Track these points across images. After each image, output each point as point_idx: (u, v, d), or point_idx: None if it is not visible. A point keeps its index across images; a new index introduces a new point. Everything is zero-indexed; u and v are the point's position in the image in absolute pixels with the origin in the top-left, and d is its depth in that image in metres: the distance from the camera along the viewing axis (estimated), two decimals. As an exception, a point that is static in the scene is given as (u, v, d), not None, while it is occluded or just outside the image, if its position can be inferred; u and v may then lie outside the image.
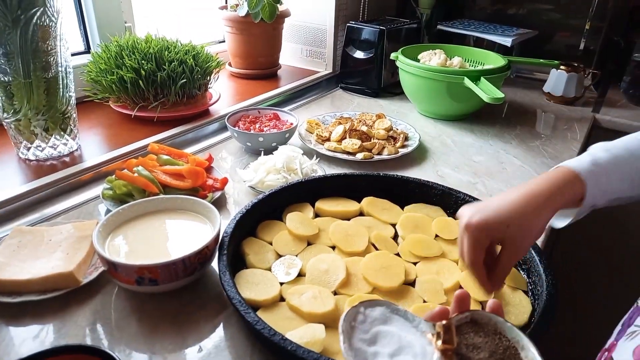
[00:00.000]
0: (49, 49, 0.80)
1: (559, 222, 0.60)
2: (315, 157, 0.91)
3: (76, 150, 0.92)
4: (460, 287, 0.62)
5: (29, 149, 0.86)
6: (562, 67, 1.37)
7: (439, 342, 0.39)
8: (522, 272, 0.65)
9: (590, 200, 0.54)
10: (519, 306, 0.59)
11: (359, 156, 0.97)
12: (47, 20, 0.78)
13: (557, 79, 1.39)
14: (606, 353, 0.51)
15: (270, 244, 0.68)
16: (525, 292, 0.62)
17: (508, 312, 0.58)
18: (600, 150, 0.57)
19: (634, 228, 1.38)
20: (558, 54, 1.56)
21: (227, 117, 1.01)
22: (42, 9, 0.76)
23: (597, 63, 1.51)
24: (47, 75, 0.81)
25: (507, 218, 0.51)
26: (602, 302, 1.48)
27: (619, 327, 0.52)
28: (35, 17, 0.76)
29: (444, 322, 0.40)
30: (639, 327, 0.48)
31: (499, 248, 0.54)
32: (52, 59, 0.81)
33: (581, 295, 1.47)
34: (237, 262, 0.64)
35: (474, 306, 0.58)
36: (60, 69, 0.83)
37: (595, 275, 1.48)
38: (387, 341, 0.42)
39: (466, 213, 0.53)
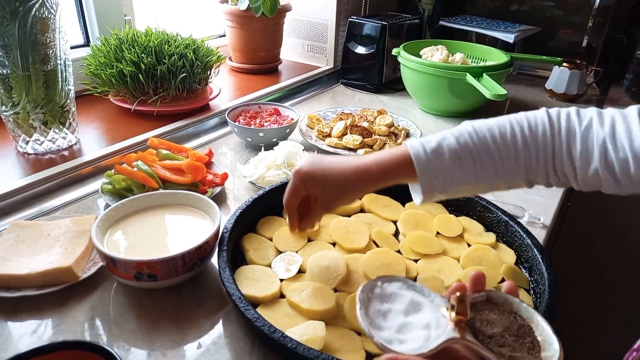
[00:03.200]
0: (48, 41, 0.79)
1: (415, 197, 0.58)
2: (315, 153, 0.90)
3: (75, 144, 0.91)
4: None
5: (27, 142, 0.85)
6: (564, 64, 1.37)
7: (453, 314, 0.40)
8: (524, 270, 0.65)
9: (426, 185, 0.53)
10: (520, 304, 0.58)
11: (360, 152, 0.96)
12: (46, 12, 0.77)
13: (559, 76, 1.38)
14: (634, 353, 0.51)
15: (271, 240, 0.67)
16: (527, 291, 0.61)
17: (509, 310, 0.58)
18: (453, 135, 0.54)
19: (634, 226, 1.37)
20: (560, 50, 1.55)
21: (227, 111, 1.00)
22: (40, 0, 0.75)
23: (600, 60, 1.50)
24: (45, 68, 0.80)
25: (327, 182, 0.56)
26: (605, 300, 1.48)
27: None
28: (34, 9, 0.75)
29: (458, 294, 0.40)
30: None
31: None
32: (50, 52, 0.80)
33: (583, 294, 1.47)
34: (237, 258, 0.64)
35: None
36: (59, 61, 0.82)
37: (598, 273, 1.48)
38: (401, 300, 0.44)
39: (302, 161, 0.57)
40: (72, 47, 1.10)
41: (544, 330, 0.40)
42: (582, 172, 0.51)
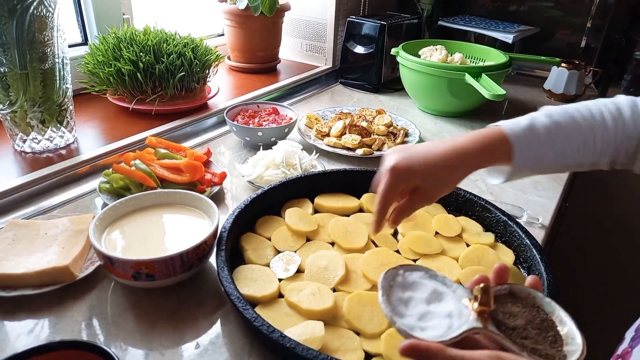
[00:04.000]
0: (46, 39, 0.78)
1: (494, 179, 0.61)
2: (314, 153, 0.90)
3: (73, 143, 0.91)
4: (460, 284, 0.61)
5: (25, 141, 0.85)
6: (563, 64, 1.37)
7: (476, 304, 0.40)
8: (523, 271, 0.65)
9: (519, 164, 0.54)
10: (519, 305, 0.58)
11: (359, 152, 0.96)
12: (44, 11, 0.76)
13: (558, 77, 1.38)
14: None
15: (269, 239, 0.67)
16: (526, 291, 0.61)
17: (508, 310, 0.58)
18: (543, 114, 0.56)
19: (633, 226, 1.38)
20: (559, 51, 1.55)
21: (225, 111, 1.00)
22: (38, -2, 0.74)
23: (598, 61, 1.50)
24: (43, 67, 0.80)
25: (430, 170, 0.54)
26: (604, 301, 1.48)
27: (632, 333, 0.51)
28: (32, 7, 0.74)
29: (481, 285, 0.41)
30: None
31: None
32: (48, 50, 0.79)
33: (582, 294, 1.47)
34: (235, 258, 0.64)
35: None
36: (57, 60, 0.81)
37: (596, 274, 1.49)
38: (423, 289, 0.44)
39: (393, 156, 0.55)
40: (70, 46, 1.09)
41: (566, 324, 0.40)
42: None
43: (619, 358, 0.50)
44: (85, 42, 1.16)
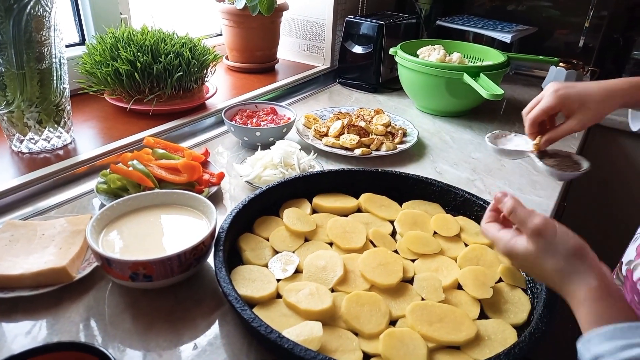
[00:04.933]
0: (43, 39, 0.78)
1: (635, 125, 0.79)
2: (312, 153, 0.90)
3: (70, 143, 0.91)
4: (459, 285, 0.61)
5: (22, 141, 0.85)
6: (561, 64, 1.37)
7: (535, 143, 0.75)
8: (522, 271, 0.65)
9: None
10: (517, 304, 0.58)
11: (357, 152, 0.96)
12: (41, 10, 0.76)
13: (556, 76, 1.39)
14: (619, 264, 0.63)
15: (267, 240, 0.67)
16: (524, 291, 0.61)
17: (507, 310, 0.58)
18: None
19: (631, 225, 1.38)
20: (557, 51, 1.56)
21: (223, 111, 1.00)
22: (35, -2, 0.74)
23: (596, 60, 1.51)
24: (40, 67, 0.79)
25: (586, 100, 0.69)
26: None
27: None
28: (29, 7, 0.74)
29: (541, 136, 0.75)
30: None
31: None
32: (45, 50, 0.79)
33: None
34: (233, 258, 0.64)
35: (471, 303, 0.58)
36: (54, 60, 0.81)
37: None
38: (514, 142, 0.80)
39: (555, 84, 0.71)
40: (67, 46, 1.09)
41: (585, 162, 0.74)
42: None
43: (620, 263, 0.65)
44: (82, 42, 1.16)
